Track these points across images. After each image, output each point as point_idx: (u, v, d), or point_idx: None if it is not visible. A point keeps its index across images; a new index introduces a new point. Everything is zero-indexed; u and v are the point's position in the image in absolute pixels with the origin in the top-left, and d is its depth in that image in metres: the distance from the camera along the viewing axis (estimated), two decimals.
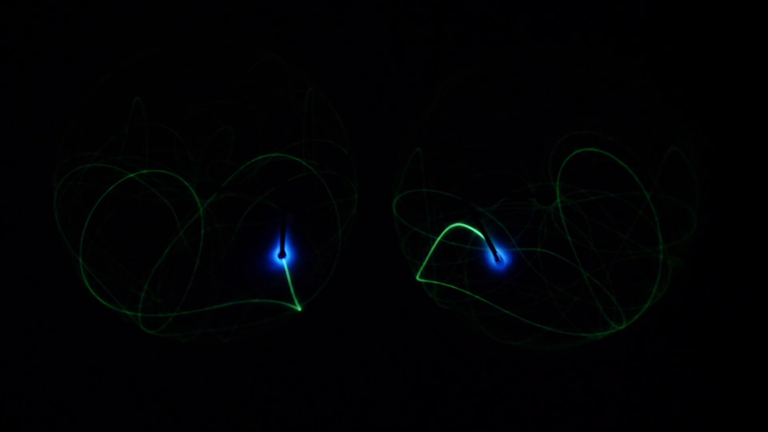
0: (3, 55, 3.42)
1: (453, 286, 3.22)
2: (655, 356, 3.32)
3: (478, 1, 3.46)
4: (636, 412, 3.29)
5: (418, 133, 3.29)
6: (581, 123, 3.16)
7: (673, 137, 3.16)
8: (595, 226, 3.13)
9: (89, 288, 3.19)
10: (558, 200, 3.16)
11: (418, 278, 3.30)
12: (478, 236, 3.18)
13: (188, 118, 3.19)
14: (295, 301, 3.27)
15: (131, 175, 3.14)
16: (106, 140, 3.17)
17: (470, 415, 3.31)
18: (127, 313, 3.18)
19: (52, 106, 3.36)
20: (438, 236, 3.21)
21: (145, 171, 3.15)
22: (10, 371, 3.35)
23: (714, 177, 3.29)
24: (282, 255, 3.18)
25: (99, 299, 3.19)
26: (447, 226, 3.20)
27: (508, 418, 3.30)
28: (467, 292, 3.21)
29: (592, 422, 3.29)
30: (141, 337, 3.24)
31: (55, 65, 3.40)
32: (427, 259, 3.24)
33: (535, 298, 3.16)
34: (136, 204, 3.17)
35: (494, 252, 3.10)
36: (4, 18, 3.42)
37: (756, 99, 3.38)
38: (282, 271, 3.20)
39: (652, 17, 3.41)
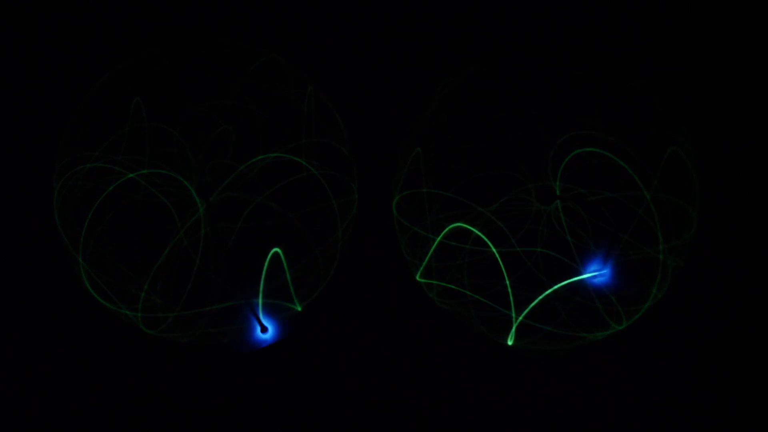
0: (3, 55, 3.42)
1: (453, 286, 3.22)
2: (655, 356, 3.32)
3: (478, 1, 3.46)
4: (636, 412, 3.29)
5: (418, 133, 3.29)
6: (581, 123, 3.16)
7: (673, 137, 3.16)
8: (595, 226, 3.13)
9: (89, 288, 3.19)
10: (558, 200, 3.16)
11: (418, 278, 3.30)
12: (478, 236, 3.17)
13: (188, 118, 3.19)
14: (295, 301, 3.27)
15: (131, 175, 3.14)
16: (106, 140, 3.16)
17: (470, 415, 3.31)
18: (127, 313, 3.18)
19: (52, 106, 3.36)
20: (438, 236, 3.21)
21: (145, 171, 3.15)
22: (11, 371, 3.34)
23: (714, 177, 3.28)
24: (264, 330, 3.24)
25: (99, 299, 3.19)
26: (447, 226, 3.20)
27: (508, 417, 3.30)
28: (467, 292, 3.21)
29: (592, 422, 3.29)
30: (141, 337, 3.24)
31: (55, 65, 3.40)
32: (427, 259, 3.24)
33: (535, 298, 3.16)
34: (136, 204, 3.17)
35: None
36: (4, 18, 3.42)
37: (755, 99, 3.38)
38: (268, 341, 3.30)
39: (653, 17, 3.41)
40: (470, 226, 3.18)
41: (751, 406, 3.27)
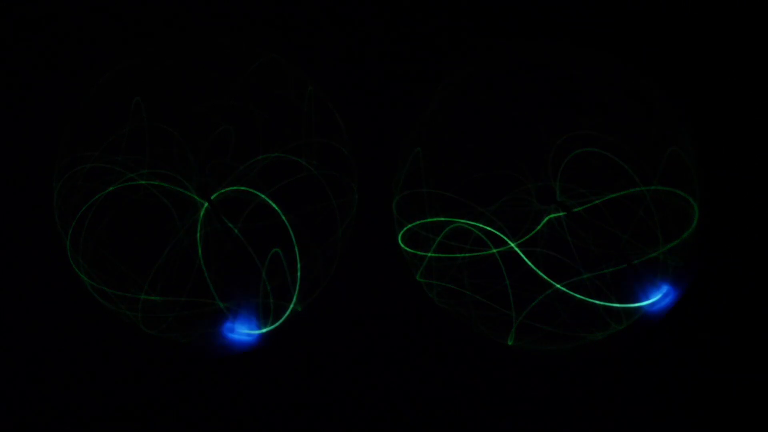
0: (3, 55, 3.42)
1: (453, 286, 3.22)
2: (655, 356, 3.31)
3: (478, 0, 3.46)
4: (636, 412, 3.29)
5: (418, 133, 3.29)
6: (581, 123, 3.16)
7: (673, 137, 3.16)
8: (595, 225, 3.13)
9: (89, 288, 3.19)
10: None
11: (418, 278, 3.29)
12: (478, 236, 3.17)
13: (188, 118, 3.19)
14: (295, 301, 3.27)
15: (131, 174, 3.14)
16: (106, 140, 3.16)
17: (470, 415, 3.31)
18: (127, 313, 3.18)
19: (52, 106, 3.36)
20: (438, 236, 3.21)
21: (145, 171, 3.15)
22: (10, 372, 3.34)
23: (714, 177, 3.28)
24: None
25: (99, 299, 3.19)
26: (447, 226, 3.20)
27: (508, 418, 3.30)
28: (467, 292, 3.21)
29: (591, 422, 3.28)
30: (141, 337, 3.24)
31: (55, 65, 3.40)
32: (427, 259, 3.24)
33: (535, 298, 3.16)
34: (136, 204, 3.17)
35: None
36: (4, 18, 3.42)
37: (756, 99, 3.38)
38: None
39: (653, 17, 3.41)
40: (470, 226, 3.18)
41: (752, 407, 3.27)
